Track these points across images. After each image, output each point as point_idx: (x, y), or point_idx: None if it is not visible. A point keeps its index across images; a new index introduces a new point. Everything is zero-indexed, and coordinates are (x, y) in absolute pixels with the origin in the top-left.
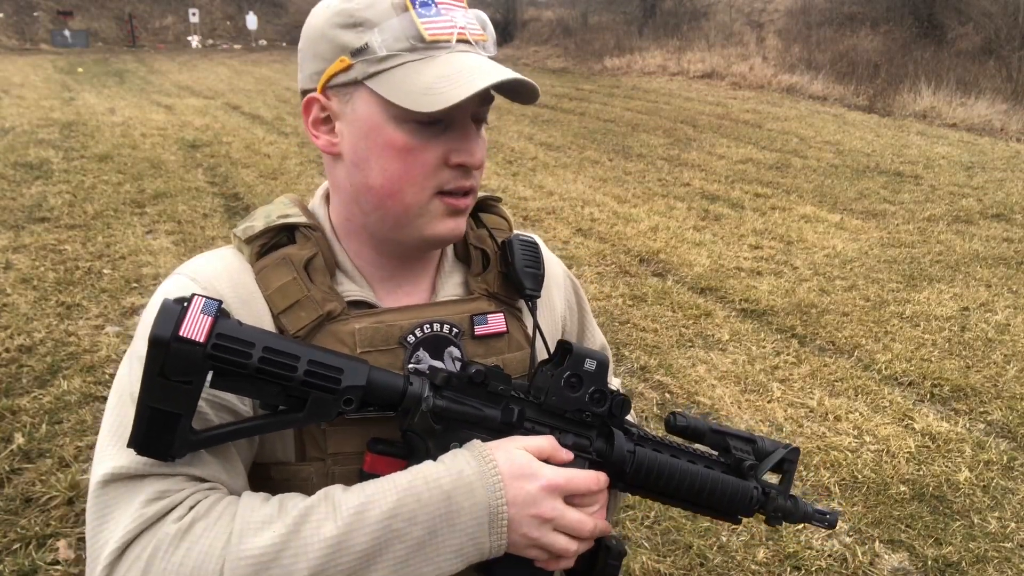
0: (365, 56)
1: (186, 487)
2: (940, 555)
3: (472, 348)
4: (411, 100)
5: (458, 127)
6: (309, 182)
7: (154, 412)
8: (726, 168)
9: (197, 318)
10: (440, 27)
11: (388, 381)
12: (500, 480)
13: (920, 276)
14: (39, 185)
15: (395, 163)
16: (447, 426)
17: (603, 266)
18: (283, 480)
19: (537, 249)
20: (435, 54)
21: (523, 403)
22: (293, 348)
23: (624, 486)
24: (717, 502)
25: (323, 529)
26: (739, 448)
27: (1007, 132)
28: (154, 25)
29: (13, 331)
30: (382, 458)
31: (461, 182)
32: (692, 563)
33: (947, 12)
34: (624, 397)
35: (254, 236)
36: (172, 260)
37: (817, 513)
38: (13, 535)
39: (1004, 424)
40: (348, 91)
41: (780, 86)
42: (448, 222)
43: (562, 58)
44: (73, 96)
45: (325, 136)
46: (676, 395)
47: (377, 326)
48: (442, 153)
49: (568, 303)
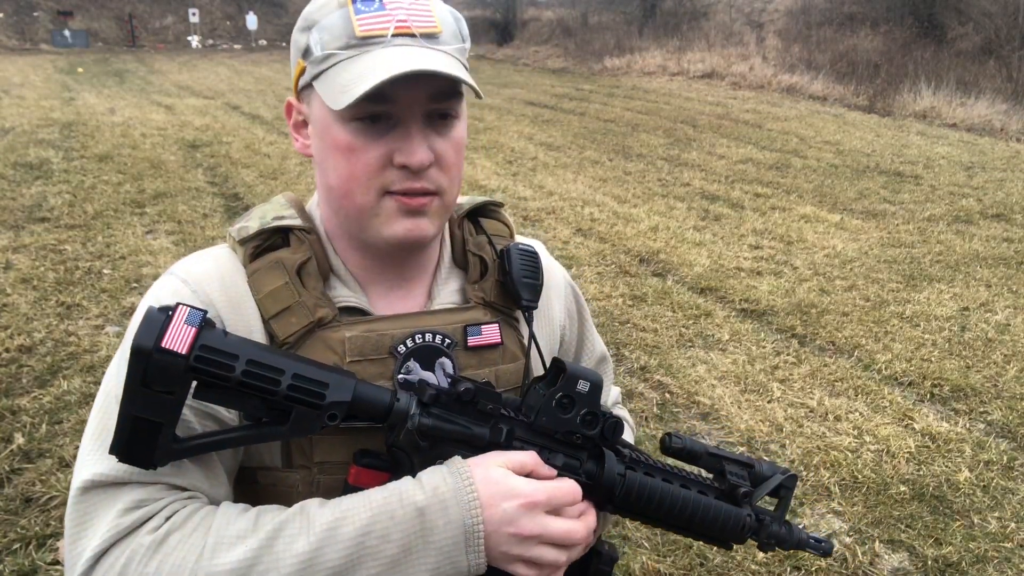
0: (311, 57)
1: (165, 496)
2: (940, 555)
3: (465, 359)
4: (332, 98)
5: (403, 125)
6: (309, 182)
7: (136, 420)
8: (726, 168)
9: (180, 328)
10: (374, 22)
11: (374, 396)
12: (476, 497)
13: (920, 276)
14: (39, 185)
15: (342, 163)
16: (433, 443)
17: (603, 266)
18: (268, 486)
19: (536, 259)
20: (368, 49)
21: (513, 422)
22: (278, 361)
23: (613, 509)
24: (708, 528)
25: (296, 544)
26: (735, 473)
27: (1007, 132)
28: (154, 25)
29: (13, 331)
30: (367, 471)
31: (408, 183)
32: (692, 563)
33: (947, 12)
34: (616, 419)
35: (248, 237)
36: (172, 260)
37: (812, 540)
38: (13, 535)
39: (1004, 424)
40: (308, 93)
41: (780, 86)
42: (404, 222)
43: (562, 58)
44: (73, 96)
45: (303, 139)
46: (676, 395)
47: (368, 335)
48: (384, 153)
49: (568, 311)
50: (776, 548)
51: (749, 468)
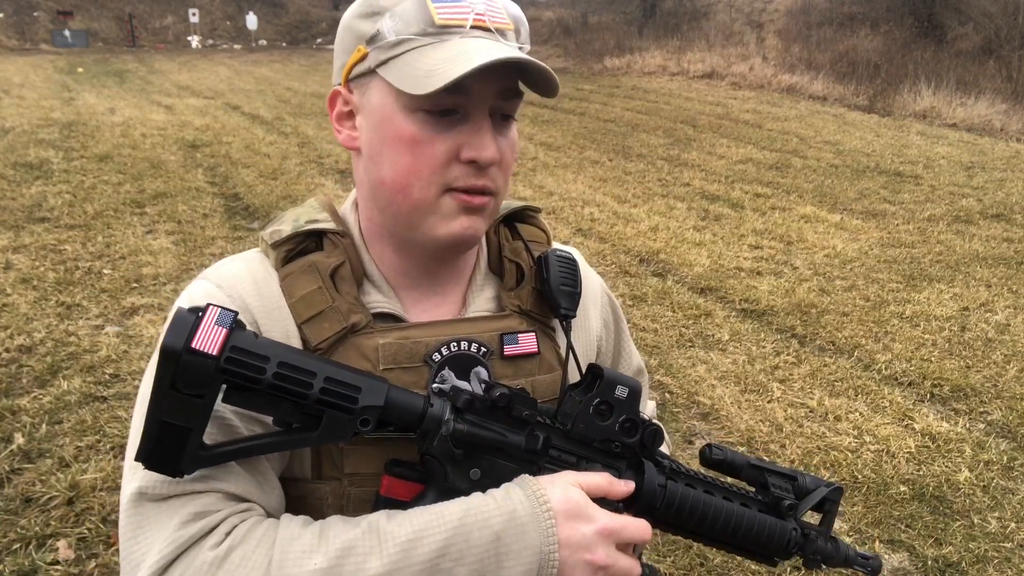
0: (378, 43)
1: (222, 508)
2: (940, 555)
3: (500, 369)
4: (411, 83)
5: (472, 120)
6: (309, 182)
7: (164, 425)
8: (726, 168)
9: (211, 329)
10: (453, 12)
11: (408, 401)
12: (553, 523)
13: (920, 276)
14: (39, 185)
15: (404, 156)
16: (468, 451)
17: (603, 266)
18: (298, 497)
19: (575, 266)
20: (446, 38)
21: (549, 430)
22: (310, 364)
23: (653, 522)
24: (752, 543)
25: (368, 564)
26: (778, 485)
27: (1007, 132)
28: (154, 25)
29: (13, 331)
30: (399, 481)
31: (472, 180)
32: (692, 563)
33: (947, 12)
34: (656, 427)
35: (281, 241)
36: (172, 260)
37: (860, 557)
38: (13, 535)
39: (1004, 424)
40: (365, 81)
41: (780, 86)
42: (462, 220)
43: (562, 58)
44: (73, 96)
45: (347, 131)
46: (676, 395)
47: (402, 342)
48: (452, 147)
49: (605, 322)
50: (822, 566)
51: (792, 480)
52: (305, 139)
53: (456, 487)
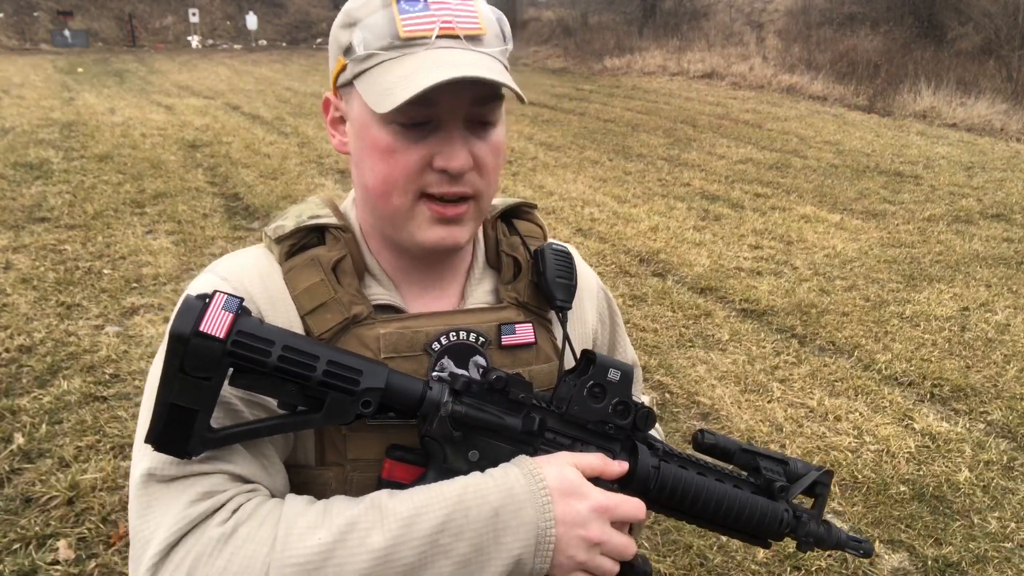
0: (352, 56)
1: (229, 487)
2: (940, 555)
3: (498, 358)
4: (375, 100)
5: (444, 129)
6: (309, 182)
7: (172, 408)
8: (726, 168)
9: (218, 314)
10: (418, 23)
11: (407, 385)
12: (550, 500)
13: (920, 276)
14: (39, 185)
15: (380, 164)
16: (466, 433)
17: (603, 266)
18: (302, 483)
19: (570, 259)
20: (412, 51)
21: (545, 412)
22: (313, 348)
23: (648, 503)
24: (745, 524)
25: (371, 539)
26: (769, 469)
27: (1007, 132)
28: (154, 25)
29: (13, 331)
30: (400, 464)
31: (447, 187)
32: (692, 563)
33: (947, 12)
34: (649, 410)
35: (284, 236)
36: (172, 260)
37: (852, 540)
38: (13, 535)
39: (1004, 424)
40: (348, 91)
41: (780, 86)
42: (437, 230)
43: (562, 58)
44: (73, 96)
45: (339, 136)
46: (676, 395)
47: (402, 332)
48: (424, 156)
49: (600, 316)
50: (815, 548)
51: (783, 464)
52: (305, 139)
53: (455, 468)
